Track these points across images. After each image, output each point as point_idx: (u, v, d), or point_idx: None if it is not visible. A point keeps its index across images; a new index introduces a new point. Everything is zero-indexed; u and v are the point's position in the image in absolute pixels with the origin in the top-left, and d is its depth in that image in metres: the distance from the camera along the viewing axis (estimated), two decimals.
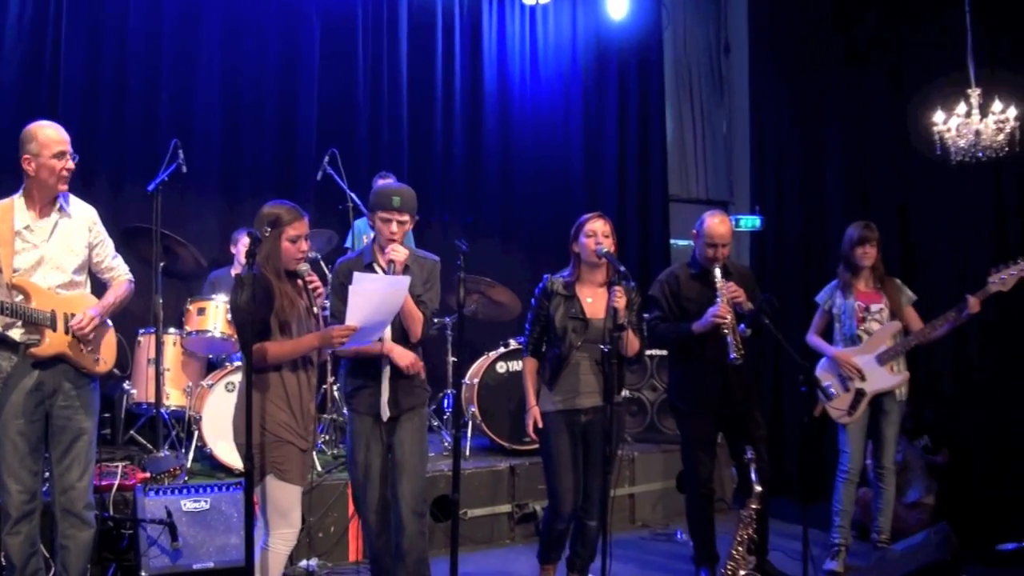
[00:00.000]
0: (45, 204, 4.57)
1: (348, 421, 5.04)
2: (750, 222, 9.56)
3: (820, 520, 6.31)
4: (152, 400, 6.53)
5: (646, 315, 5.60)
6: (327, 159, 7.61)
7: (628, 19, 10.22)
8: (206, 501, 5.59)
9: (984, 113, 6.63)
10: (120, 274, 4.88)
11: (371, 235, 4.89)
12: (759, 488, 5.27)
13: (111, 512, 5.52)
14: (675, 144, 10.76)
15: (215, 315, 6.73)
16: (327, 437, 7.15)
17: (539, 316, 5.30)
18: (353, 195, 7.44)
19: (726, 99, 11.05)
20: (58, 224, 4.59)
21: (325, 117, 8.80)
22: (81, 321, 4.52)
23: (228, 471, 6.21)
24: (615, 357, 4.91)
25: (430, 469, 5.33)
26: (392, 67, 9.20)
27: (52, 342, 4.46)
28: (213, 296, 6.86)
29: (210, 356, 7.15)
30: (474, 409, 7.33)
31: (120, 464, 5.98)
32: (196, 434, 6.45)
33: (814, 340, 6.39)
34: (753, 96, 9.74)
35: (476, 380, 7.39)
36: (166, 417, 6.65)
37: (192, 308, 6.80)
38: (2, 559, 4.54)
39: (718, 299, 5.36)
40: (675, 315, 5.69)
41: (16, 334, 4.44)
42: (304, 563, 6.01)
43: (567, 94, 10.14)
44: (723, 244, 5.56)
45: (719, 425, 5.81)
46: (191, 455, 6.44)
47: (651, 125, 10.46)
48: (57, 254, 4.57)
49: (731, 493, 7.56)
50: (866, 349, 6.16)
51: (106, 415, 6.62)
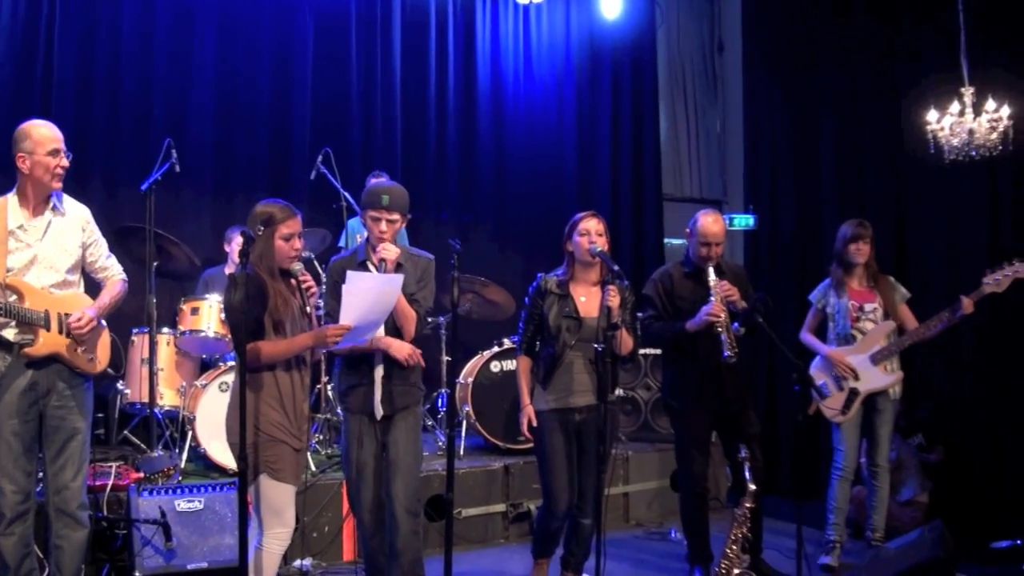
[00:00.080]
0: (39, 203, 4.56)
1: (343, 420, 5.04)
2: (744, 221, 9.56)
3: (814, 518, 6.31)
4: (146, 400, 6.52)
5: (640, 314, 5.60)
6: (321, 158, 7.60)
7: (622, 18, 10.23)
8: (200, 501, 5.58)
9: (978, 112, 6.63)
10: (114, 274, 4.87)
11: (365, 234, 4.89)
12: (753, 487, 5.28)
13: (105, 512, 5.51)
14: (669, 143, 10.77)
15: (209, 315, 6.71)
16: (321, 437, 7.15)
17: (533, 315, 5.31)
18: (346, 194, 7.43)
19: (720, 98, 11.05)
20: (52, 223, 4.58)
21: (319, 116, 8.80)
22: (80, 320, 4.51)
23: (222, 471, 6.20)
24: (609, 356, 4.90)
25: (424, 468, 5.33)
26: (386, 66, 9.19)
27: (46, 342, 4.45)
28: (207, 296, 6.84)
29: (204, 356, 7.13)
30: (468, 408, 7.33)
31: (114, 464, 5.95)
32: (190, 434, 6.44)
33: (807, 338, 6.40)
34: (747, 95, 9.74)
35: (470, 379, 7.38)
36: (160, 417, 6.64)
37: (186, 308, 6.78)
38: None
39: (712, 298, 5.36)
40: (669, 314, 5.68)
41: (10, 334, 4.43)
42: (298, 563, 6.00)
43: (561, 93, 10.15)
44: (717, 243, 5.56)
45: (713, 424, 5.80)
46: (185, 455, 6.44)
47: (645, 124, 10.46)
48: (51, 254, 4.56)
49: (725, 492, 7.56)
50: (860, 348, 6.17)
51: (100, 415, 6.61)
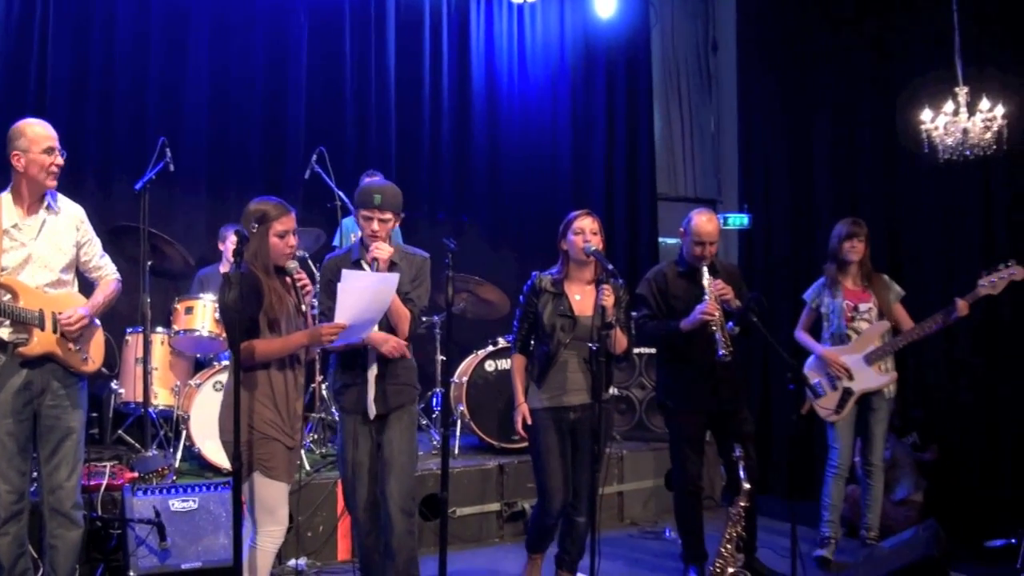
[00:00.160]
0: (33, 202, 4.56)
1: (338, 420, 5.04)
2: (738, 220, 9.57)
3: (809, 517, 6.32)
4: (140, 399, 6.50)
5: (634, 313, 5.60)
6: (315, 157, 7.59)
7: (616, 17, 10.22)
8: (194, 501, 5.57)
9: (972, 111, 6.63)
10: (108, 273, 4.87)
11: (359, 233, 4.88)
12: (747, 486, 5.29)
13: (99, 512, 5.52)
14: (663, 142, 10.77)
15: (203, 314, 6.70)
16: (316, 436, 7.15)
17: (527, 313, 5.31)
18: (341, 193, 7.42)
19: (714, 97, 11.05)
20: (46, 222, 4.58)
21: (313, 115, 8.79)
22: (70, 319, 4.51)
23: (216, 470, 6.20)
24: (603, 355, 4.91)
25: (419, 468, 5.33)
26: (380, 65, 9.18)
27: (40, 341, 4.45)
28: (201, 295, 6.83)
29: (198, 355, 7.13)
30: (463, 408, 7.33)
31: (108, 464, 5.96)
32: (184, 433, 6.44)
33: (802, 337, 6.41)
34: (741, 94, 9.75)
35: (465, 379, 7.38)
36: (154, 416, 6.63)
37: (180, 307, 6.77)
38: None
39: (706, 297, 5.36)
40: (663, 313, 5.69)
41: (4, 333, 4.43)
42: (293, 562, 6.00)
43: (555, 92, 10.14)
44: (710, 242, 5.56)
45: (707, 423, 5.80)
46: (179, 455, 6.43)
47: (639, 123, 10.47)
48: (45, 253, 4.56)
49: (720, 491, 7.56)
50: (854, 348, 6.17)
51: (94, 415, 6.62)
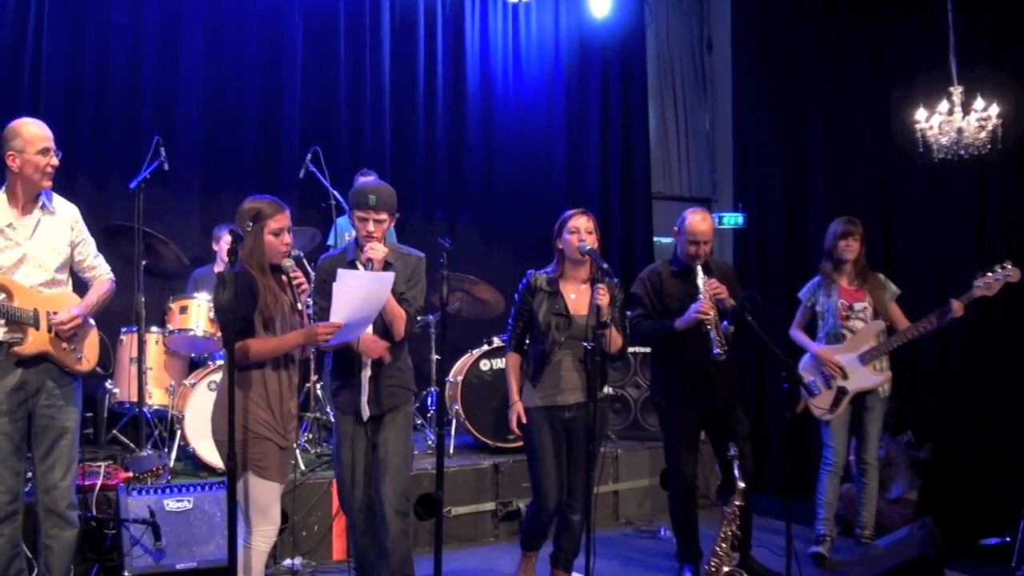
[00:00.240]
0: (28, 202, 4.55)
1: (334, 420, 5.04)
2: (733, 219, 9.58)
3: (804, 516, 6.32)
4: (135, 399, 6.51)
5: (628, 312, 5.60)
6: (310, 157, 7.60)
7: (611, 17, 10.22)
8: (189, 501, 5.57)
9: (966, 111, 6.64)
10: (102, 273, 4.87)
11: (353, 233, 4.88)
12: (742, 485, 5.29)
13: (94, 512, 5.50)
14: (658, 141, 10.77)
15: (197, 313, 6.69)
16: (310, 435, 7.14)
17: (522, 312, 5.31)
18: (335, 193, 7.42)
19: (709, 96, 11.06)
20: (41, 222, 4.58)
21: (307, 115, 8.78)
22: (63, 318, 4.50)
23: (211, 470, 6.19)
24: (598, 354, 4.91)
25: (414, 467, 5.32)
26: (375, 65, 9.18)
27: (35, 340, 4.44)
28: (195, 294, 6.82)
29: (192, 355, 7.11)
30: (458, 407, 7.32)
31: (103, 464, 5.94)
32: (179, 433, 6.43)
33: (797, 335, 6.42)
34: (736, 93, 9.76)
35: (460, 378, 7.37)
36: (148, 416, 6.63)
37: (174, 307, 6.76)
38: None
39: (700, 296, 5.36)
40: (657, 312, 5.69)
41: None
42: (288, 562, 6.00)
43: (550, 92, 10.14)
44: (705, 241, 5.57)
45: (702, 422, 5.81)
46: (174, 454, 6.42)
47: (634, 123, 10.47)
48: (40, 252, 4.56)
49: (715, 490, 7.57)
50: (849, 348, 6.18)
51: (88, 414, 6.58)
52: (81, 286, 4.83)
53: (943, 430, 7.24)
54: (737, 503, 5.31)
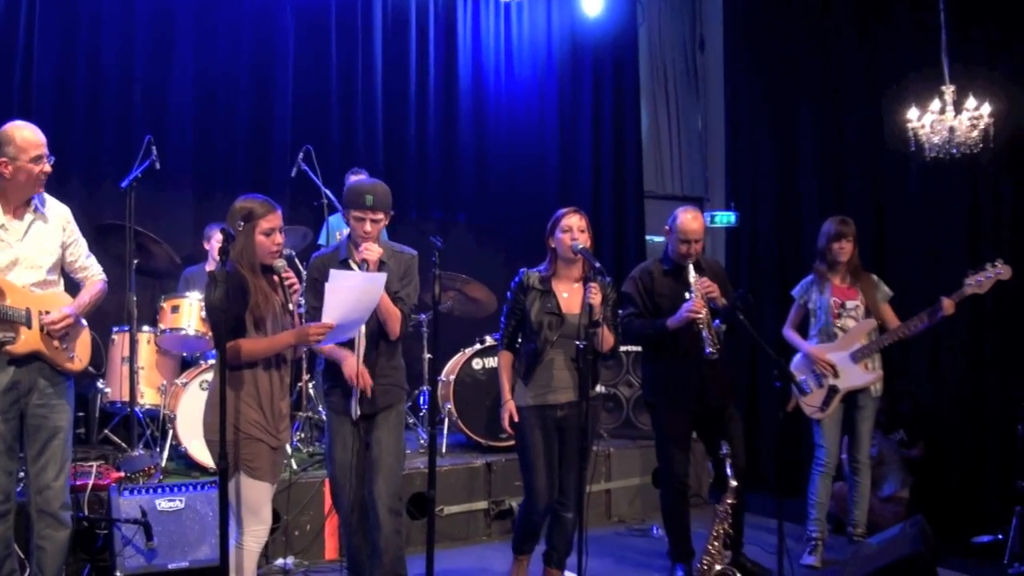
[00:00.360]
0: (19, 205, 4.53)
1: (326, 419, 5.03)
2: (725, 218, 9.59)
3: (796, 514, 6.33)
4: (126, 399, 6.48)
5: (620, 311, 5.60)
6: (301, 155, 7.58)
7: (603, 16, 10.22)
8: (181, 500, 5.56)
9: (958, 110, 6.65)
10: (94, 274, 4.85)
11: (345, 231, 4.86)
12: (735, 483, 5.29)
13: (86, 512, 5.48)
14: (650, 140, 10.78)
15: (189, 313, 6.68)
16: (303, 435, 7.13)
17: (515, 310, 5.31)
18: (327, 191, 7.41)
19: (701, 95, 11.07)
20: (33, 224, 4.56)
21: (299, 114, 8.77)
22: (54, 317, 4.49)
23: (203, 470, 6.18)
24: (590, 353, 4.91)
25: (406, 466, 5.32)
26: (366, 64, 9.17)
27: (27, 340, 4.43)
28: (187, 294, 6.81)
29: (184, 354, 7.10)
30: (450, 406, 7.32)
31: (94, 463, 5.93)
32: (171, 433, 6.41)
33: (789, 334, 6.43)
34: (728, 92, 9.77)
35: (452, 377, 7.38)
36: (140, 416, 6.62)
37: (166, 306, 6.75)
38: None
39: (692, 295, 5.36)
40: (649, 311, 5.68)
41: None
42: (280, 561, 5.99)
43: (542, 91, 10.14)
44: (696, 240, 5.56)
45: (694, 421, 5.79)
46: (166, 454, 6.41)
47: (626, 122, 10.48)
48: (32, 253, 4.54)
49: (707, 488, 7.58)
50: (841, 346, 6.19)
51: (80, 414, 6.59)
52: (73, 286, 4.82)
53: (935, 428, 7.25)
54: (729, 501, 5.32)
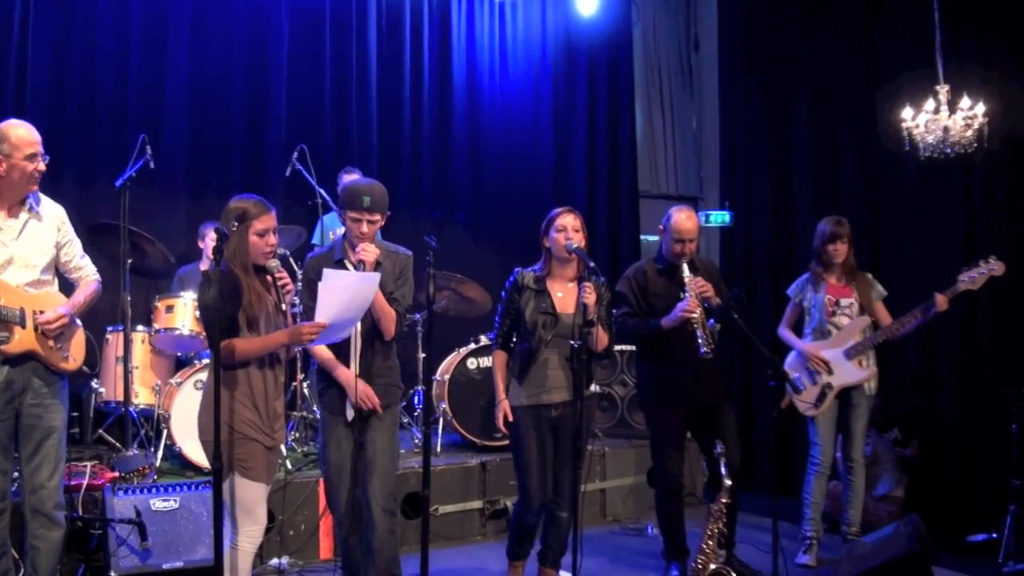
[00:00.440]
0: (14, 204, 4.53)
1: (320, 419, 5.03)
2: (720, 217, 9.60)
3: (790, 513, 6.34)
4: (121, 398, 6.49)
5: (614, 311, 5.60)
6: (296, 155, 7.58)
7: (598, 15, 10.22)
8: (175, 500, 5.55)
9: (952, 109, 6.65)
10: (88, 274, 4.85)
11: (339, 231, 4.85)
12: (729, 482, 5.30)
13: (80, 512, 5.47)
14: (645, 140, 10.79)
15: (183, 312, 6.67)
16: (297, 435, 7.13)
17: (509, 309, 5.30)
18: (322, 191, 7.41)
19: (696, 95, 11.08)
20: (28, 223, 4.56)
21: (293, 113, 8.76)
22: (49, 317, 4.49)
23: (197, 470, 6.17)
24: (584, 352, 4.91)
25: (401, 466, 5.31)
26: (361, 64, 9.16)
27: (21, 339, 4.43)
28: (181, 293, 6.80)
29: (179, 354, 7.09)
30: (445, 405, 7.32)
31: (89, 463, 5.91)
32: (165, 433, 6.40)
33: (784, 333, 6.44)
34: (723, 92, 9.78)
35: (447, 376, 7.37)
36: (135, 416, 6.61)
37: (160, 305, 6.74)
38: None
39: (687, 294, 5.36)
40: (643, 311, 5.68)
41: None
42: (275, 561, 5.98)
43: (536, 91, 10.14)
44: (690, 239, 5.56)
45: (689, 420, 5.79)
46: (160, 454, 6.41)
47: (621, 121, 10.47)
48: (26, 253, 4.54)
49: (701, 487, 7.58)
50: (835, 343, 6.20)
51: (74, 414, 6.56)
52: (68, 286, 4.82)
53: (929, 427, 7.26)
54: (724, 500, 5.32)
